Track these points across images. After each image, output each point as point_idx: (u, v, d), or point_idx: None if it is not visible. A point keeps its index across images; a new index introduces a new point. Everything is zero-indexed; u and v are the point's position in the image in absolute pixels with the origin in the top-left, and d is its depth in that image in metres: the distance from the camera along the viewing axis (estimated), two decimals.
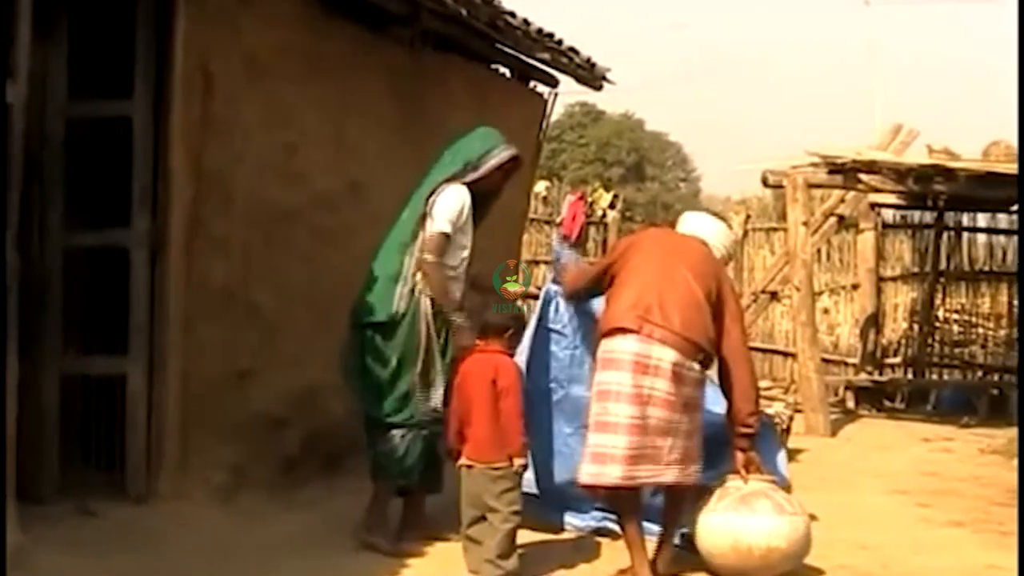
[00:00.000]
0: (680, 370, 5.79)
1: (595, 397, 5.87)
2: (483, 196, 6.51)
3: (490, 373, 5.73)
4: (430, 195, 6.30)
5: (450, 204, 6.27)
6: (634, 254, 6.14)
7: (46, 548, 5.28)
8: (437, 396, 6.22)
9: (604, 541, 6.52)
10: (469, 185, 6.38)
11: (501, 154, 6.50)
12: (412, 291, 6.22)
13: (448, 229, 6.24)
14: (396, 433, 6.24)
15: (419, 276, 6.22)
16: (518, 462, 5.71)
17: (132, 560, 5.62)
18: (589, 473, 5.81)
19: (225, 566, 5.77)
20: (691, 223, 6.53)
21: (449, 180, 6.34)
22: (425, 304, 6.22)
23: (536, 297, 6.67)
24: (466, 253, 6.41)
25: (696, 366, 5.89)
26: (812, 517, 6.18)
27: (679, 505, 6.05)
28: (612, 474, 5.74)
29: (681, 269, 6.00)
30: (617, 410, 5.74)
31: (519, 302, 6.44)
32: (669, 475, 5.83)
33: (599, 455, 5.76)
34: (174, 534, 6.05)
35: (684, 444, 5.85)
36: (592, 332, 6.26)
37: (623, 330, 5.82)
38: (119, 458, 6.47)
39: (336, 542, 6.28)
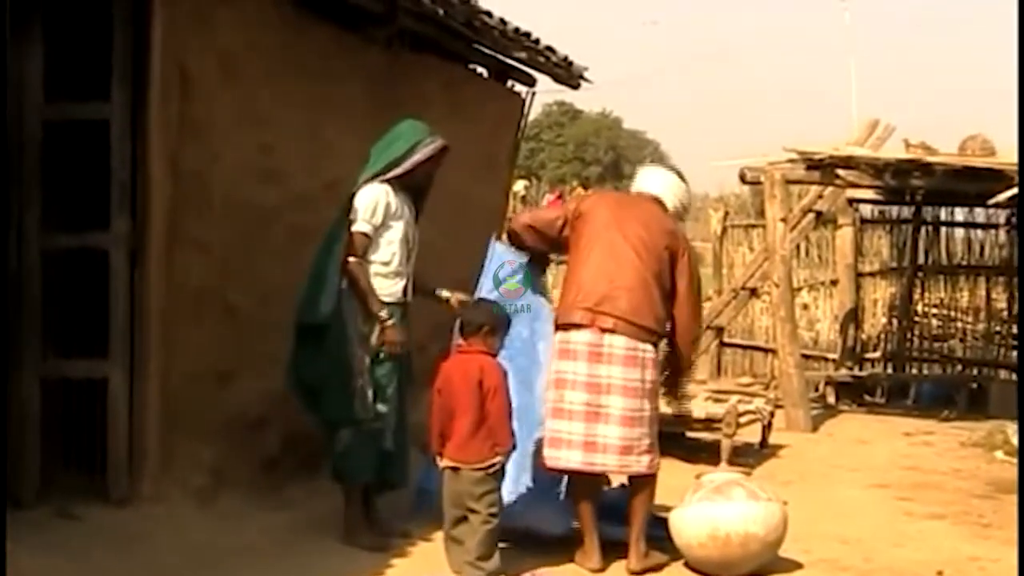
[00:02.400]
0: (635, 353, 6.03)
1: (552, 384, 6.11)
2: (418, 187, 6.56)
3: (475, 374, 5.72)
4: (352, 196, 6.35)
5: (364, 203, 6.32)
6: (586, 226, 6.24)
7: (27, 551, 5.25)
8: (367, 395, 6.27)
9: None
10: (398, 179, 6.42)
11: (426, 148, 6.49)
12: (338, 293, 6.26)
13: (366, 228, 6.29)
14: (344, 434, 6.31)
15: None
16: (499, 459, 5.72)
17: (114, 562, 5.62)
18: (550, 456, 6.05)
19: (207, 567, 5.77)
20: (643, 180, 6.58)
21: (371, 179, 6.37)
22: (354, 305, 6.27)
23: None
24: (396, 248, 6.41)
25: (649, 347, 6.11)
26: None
27: (645, 498, 6.15)
28: (572, 459, 6.02)
29: (630, 248, 6.13)
30: (572, 398, 6.01)
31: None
32: (638, 466, 6.05)
33: (556, 440, 6.03)
34: (156, 536, 6.04)
35: (650, 432, 6.08)
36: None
37: (576, 325, 6.05)
38: (100, 461, 6.44)
39: (318, 542, 6.29)
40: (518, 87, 11.05)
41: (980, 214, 14.92)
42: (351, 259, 6.25)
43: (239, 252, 6.98)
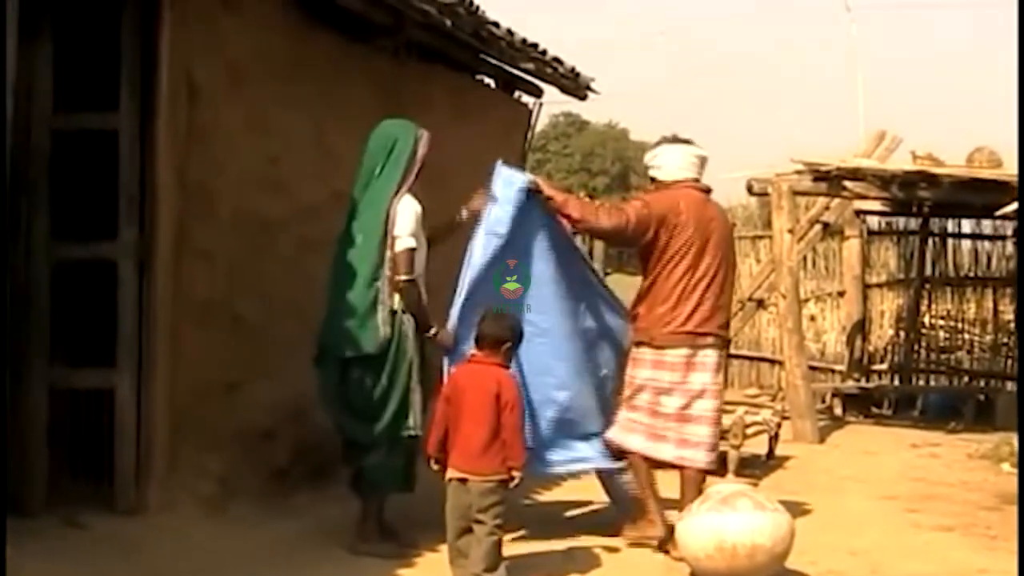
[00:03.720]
0: (720, 361, 6.68)
1: (651, 390, 6.58)
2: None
3: (492, 387, 5.65)
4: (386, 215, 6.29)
5: (408, 218, 6.30)
6: (672, 238, 6.53)
7: (34, 561, 5.27)
8: (419, 408, 6.29)
9: (596, 550, 6.55)
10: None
11: (423, 142, 6.50)
12: (393, 314, 6.25)
13: (414, 244, 6.29)
14: (383, 448, 6.28)
15: (396, 297, 6.26)
16: (517, 474, 5.68)
17: (121, 571, 5.63)
18: (646, 448, 6.60)
19: (212, 575, 5.77)
20: (684, 164, 6.75)
21: (398, 191, 6.34)
22: (408, 323, 6.28)
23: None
24: (422, 256, 6.45)
25: (725, 352, 6.82)
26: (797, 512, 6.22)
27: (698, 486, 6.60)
28: (665, 452, 6.61)
29: (716, 266, 6.62)
30: (668, 402, 6.56)
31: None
32: (709, 461, 6.69)
33: (656, 435, 6.58)
34: (163, 545, 6.04)
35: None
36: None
37: (677, 344, 6.54)
38: (107, 470, 6.45)
39: (326, 550, 6.28)
40: (525, 97, 11.07)
41: (987, 226, 14.87)
42: (403, 278, 6.24)
43: (246, 262, 6.99)
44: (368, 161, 6.45)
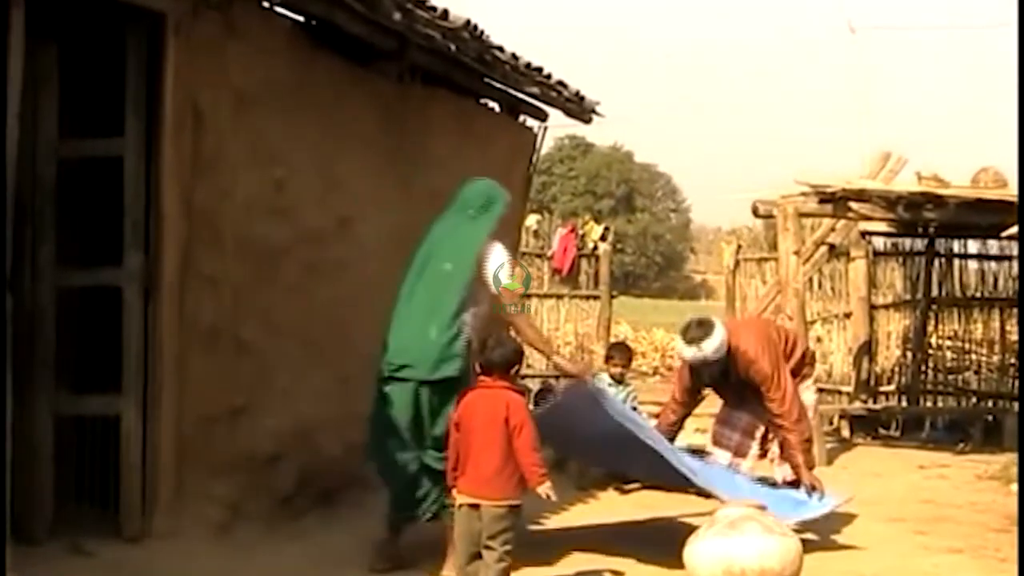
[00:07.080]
0: None
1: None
2: None
3: (501, 411, 5.63)
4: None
5: (503, 263, 6.50)
6: None
7: None
8: None
9: (605, 575, 6.53)
10: None
11: (507, 199, 6.80)
12: (468, 344, 6.38)
13: (518, 285, 6.62)
14: (431, 473, 6.31)
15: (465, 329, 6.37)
16: (542, 489, 5.64)
17: None
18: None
19: None
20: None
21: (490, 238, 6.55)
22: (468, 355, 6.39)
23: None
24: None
25: None
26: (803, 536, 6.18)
27: None
28: None
29: None
30: None
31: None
32: None
33: None
34: (169, 571, 6.04)
35: None
36: None
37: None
38: (113, 496, 6.44)
39: (333, 574, 6.25)
40: (530, 121, 11.07)
41: (993, 246, 14.86)
42: (524, 315, 6.69)
43: (251, 287, 6.98)
44: (460, 204, 6.67)
